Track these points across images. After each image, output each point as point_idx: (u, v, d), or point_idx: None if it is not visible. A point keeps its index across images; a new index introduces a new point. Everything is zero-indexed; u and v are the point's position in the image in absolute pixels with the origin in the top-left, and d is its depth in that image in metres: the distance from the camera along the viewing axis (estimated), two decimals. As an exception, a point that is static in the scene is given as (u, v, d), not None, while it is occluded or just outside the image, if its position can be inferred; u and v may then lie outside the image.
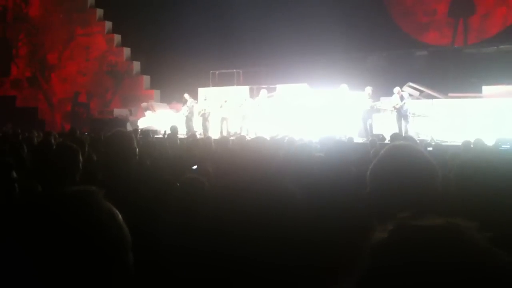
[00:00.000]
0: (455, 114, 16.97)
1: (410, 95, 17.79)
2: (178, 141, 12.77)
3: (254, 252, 2.23)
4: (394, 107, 16.60)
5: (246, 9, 23.70)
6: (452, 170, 2.64)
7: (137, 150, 3.86)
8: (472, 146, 9.77)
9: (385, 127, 16.52)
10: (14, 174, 3.47)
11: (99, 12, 29.52)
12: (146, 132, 13.00)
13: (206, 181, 3.99)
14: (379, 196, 1.89)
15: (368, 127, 16.93)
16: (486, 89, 17.98)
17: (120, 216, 1.43)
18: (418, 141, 11.73)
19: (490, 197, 2.29)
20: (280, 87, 20.93)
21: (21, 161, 6.39)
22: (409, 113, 16.61)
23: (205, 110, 20.40)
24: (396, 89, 16.96)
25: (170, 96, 25.79)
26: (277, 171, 3.00)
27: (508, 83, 17.67)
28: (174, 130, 14.25)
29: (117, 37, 28.94)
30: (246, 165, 3.52)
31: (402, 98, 16.61)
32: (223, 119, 20.02)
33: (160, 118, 22.98)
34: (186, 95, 21.16)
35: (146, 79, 27.98)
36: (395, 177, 1.86)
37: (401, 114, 16.45)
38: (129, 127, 20.18)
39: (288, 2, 24.50)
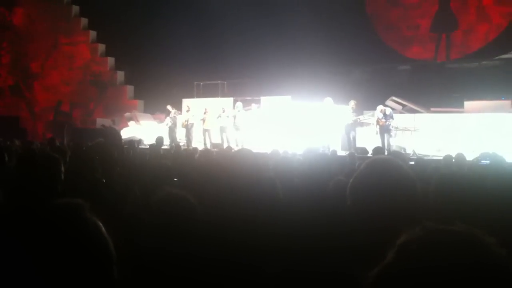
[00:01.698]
0: (437, 129, 17.08)
1: (393, 109, 17.85)
2: (161, 152, 12.73)
3: (242, 257, 2.25)
4: (377, 122, 16.54)
5: (231, 21, 23.78)
6: (431, 184, 2.67)
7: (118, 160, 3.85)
8: (453, 160, 9.85)
9: (368, 141, 16.58)
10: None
11: (84, 21, 29.44)
12: (131, 143, 12.91)
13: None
14: (359, 209, 1.91)
15: (351, 140, 16.98)
16: (468, 104, 18.13)
17: (104, 229, 1.44)
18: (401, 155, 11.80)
19: (467, 210, 2.31)
20: (264, 99, 20.99)
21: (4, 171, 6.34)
22: (392, 127, 16.67)
23: (188, 121, 20.38)
24: (379, 107, 16.93)
25: (154, 107, 25.74)
26: (259, 182, 3.01)
27: (490, 99, 17.85)
28: (159, 141, 14.19)
29: (101, 47, 28.85)
30: (229, 177, 3.53)
31: (385, 115, 16.58)
32: (205, 130, 20.02)
33: (143, 129, 22.91)
34: (169, 107, 21.14)
35: (130, 89, 27.90)
36: (374, 190, 1.89)
37: (384, 129, 16.46)
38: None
39: (273, 14, 24.60)
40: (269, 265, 2.36)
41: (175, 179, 5.67)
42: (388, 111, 16.92)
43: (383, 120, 16.43)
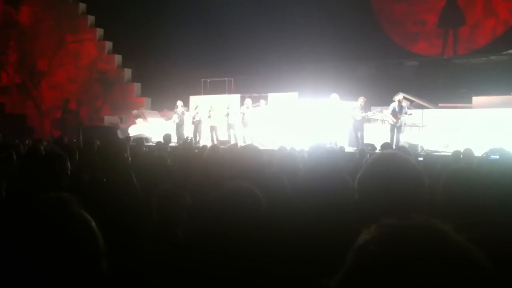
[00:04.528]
0: (445, 124, 17.03)
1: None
2: (169, 149, 12.72)
3: (244, 252, 2.25)
4: (393, 114, 16.12)
5: (238, 18, 23.77)
6: (441, 180, 2.65)
7: (129, 158, 3.85)
8: (461, 156, 9.80)
9: (376, 137, 16.50)
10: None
11: (91, 19, 29.49)
12: (140, 140, 12.93)
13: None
14: (366, 204, 1.90)
15: (359, 137, 16.90)
16: (476, 99, 18.06)
17: (93, 223, 1.44)
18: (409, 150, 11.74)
19: (476, 206, 2.30)
20: (271, 96, 20.98)
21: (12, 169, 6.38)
22: (404, 124, 16.40)
23: (195, 118, 20.38)
24: (399, 96, 16.56)
25: (161, 104, 25.78)
26: (266, 178, 3.00)
27: (498, 94, 17.77)
28: (167, 138, 14.19)
29: (108, 44, 28.89)
30: (235, 173, 3.52)
31: (402, 108, 16.32)
32: (212, 128, 20.01)
33: (151, 126, 22.93)
34: (179, 102, 21.05)
35: (137, 86, 27.94)
36: (382, 185, 1.89)
37: (396, 125, 16.16)
38: (119, 135, 20.12)
39: (279, 11, 24.59)
40: (273, 259, 2.36)
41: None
42: (405, 103, 16.56)
43: (399, 114, 16.05)
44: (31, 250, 1.30)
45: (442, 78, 21.92)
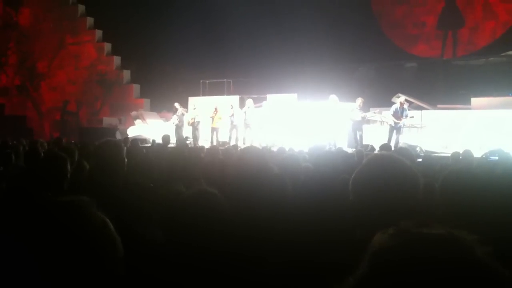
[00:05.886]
0: (444, 126, 17.02)
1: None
2: (168, 150, 12.70)
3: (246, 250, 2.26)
4: (395, 117, 16.01)
5: (236, 19, 23.76)
6: (438, 180, 2.66)
7: (126, 160, 3.85)
8: (461, 157, 9.81)
9: (375, 138, 16.48)
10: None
11: (90, 20, 29.50)
12: (135, 141, 12.92)
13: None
14: (361, 205, 1.91)
15: (358, 138, 16.86)
16: (475, 100, 18.06)
17: (112, 226, 1.43)
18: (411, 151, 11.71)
19: (474, 207, 2.31)
20: (270, 97, 20.96)
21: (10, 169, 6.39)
22: (403, 125, 16.32)
23: (194, 119, 20.34)
24: (401, 98, 16.54)
25: (160, 105, 25.77)
26: (266, 180, 3.00)
27: (497, 95, 17.78)
28: (165, 139, 14.16)
29: (107, 46, 28.89)
30: (236, 175, 3.52)
31: (403, 110, 16.16)
32: (213, 129, 19.94)
33: (149, 127, 22.92)
34: (177, 104, 21.06)
35: (136, 88, 27.93)
36: (376, 186, 1.90)
37: (396, 126, 16.11)
38: (118, 136, 20.12)
39: (279, 13, 24.58)
40: (274, 257, 2.38)
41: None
42: (406, 105, 16.49)
43: (401, 116, 15.94)
44: (49, 254, 1.30)
45: (441, 80, 21.94)
